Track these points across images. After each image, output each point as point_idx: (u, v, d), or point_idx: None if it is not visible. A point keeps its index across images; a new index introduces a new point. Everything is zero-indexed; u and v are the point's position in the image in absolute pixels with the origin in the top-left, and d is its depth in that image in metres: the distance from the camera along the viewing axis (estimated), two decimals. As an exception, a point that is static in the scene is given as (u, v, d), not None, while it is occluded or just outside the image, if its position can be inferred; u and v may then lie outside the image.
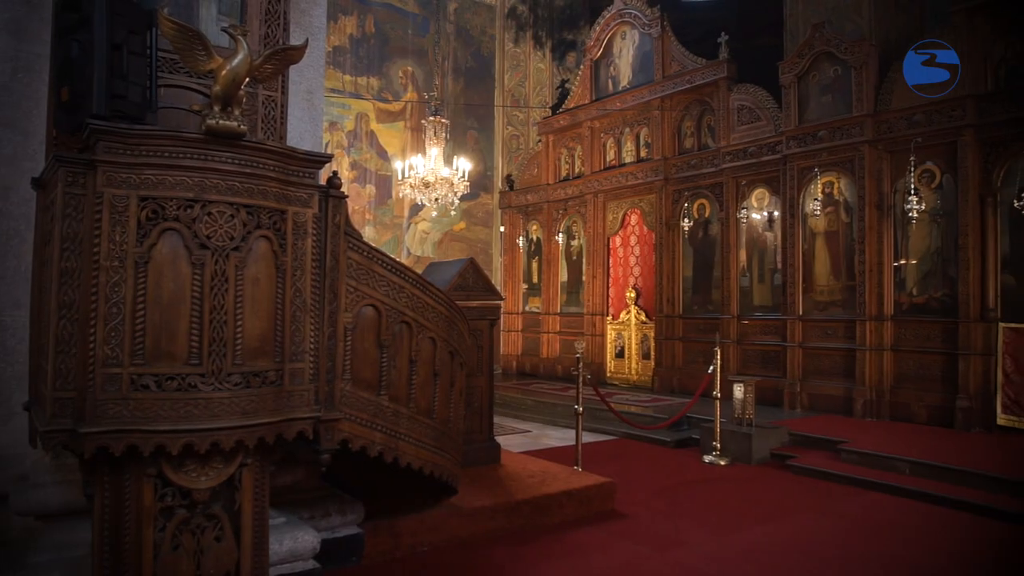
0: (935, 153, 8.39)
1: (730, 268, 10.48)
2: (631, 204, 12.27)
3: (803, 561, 4.68)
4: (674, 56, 11.52)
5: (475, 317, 5.83)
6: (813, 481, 6.81)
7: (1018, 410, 7.61)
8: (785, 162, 9.71)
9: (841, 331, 9.07)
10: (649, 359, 11.74)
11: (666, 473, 7.16)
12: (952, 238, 8.23)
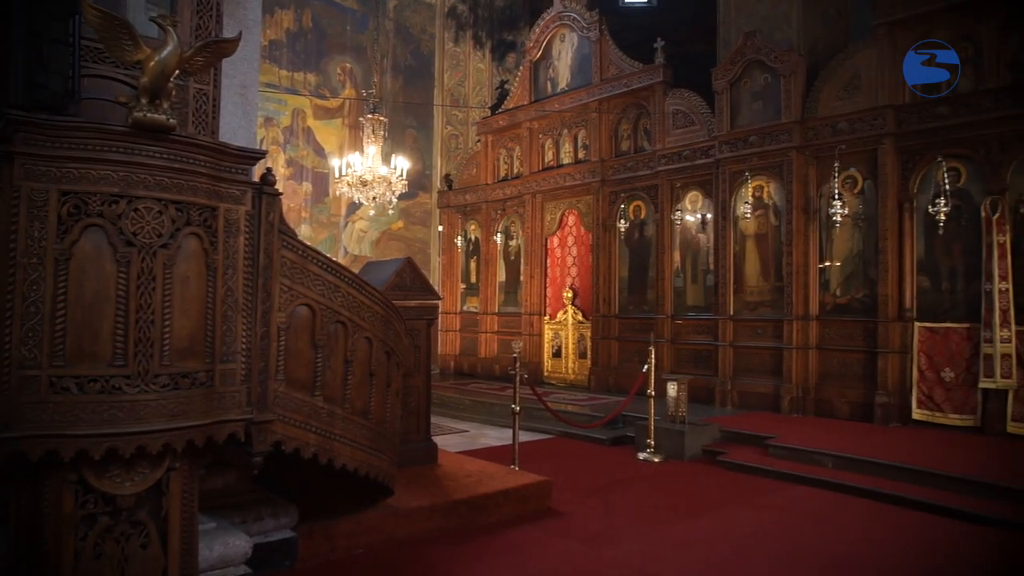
0: (858, 160, 8.75)
1: (664, 269, 10.70)
2: (569, 205, 12.39)
3: (733, 553, 4.82)
4: (612, 60, 11.69)
5: (412, 317, 5.79)
6: (743, 476, 7.00)
7: (932, 405, 8.02)
8: (718, 166, 9.97)
9: (770, 330, 9.37)
10: (586, 358, 11.88)
11: (602, 471, 7.25)
12: (873, 241, 8.60)
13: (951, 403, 7.89)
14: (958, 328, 7.90)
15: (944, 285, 8.14)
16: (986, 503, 5.67)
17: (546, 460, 7.42)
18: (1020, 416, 7.40)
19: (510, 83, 14.15)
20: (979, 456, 6.68)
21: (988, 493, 5.80)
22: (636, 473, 7.17)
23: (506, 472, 6.07)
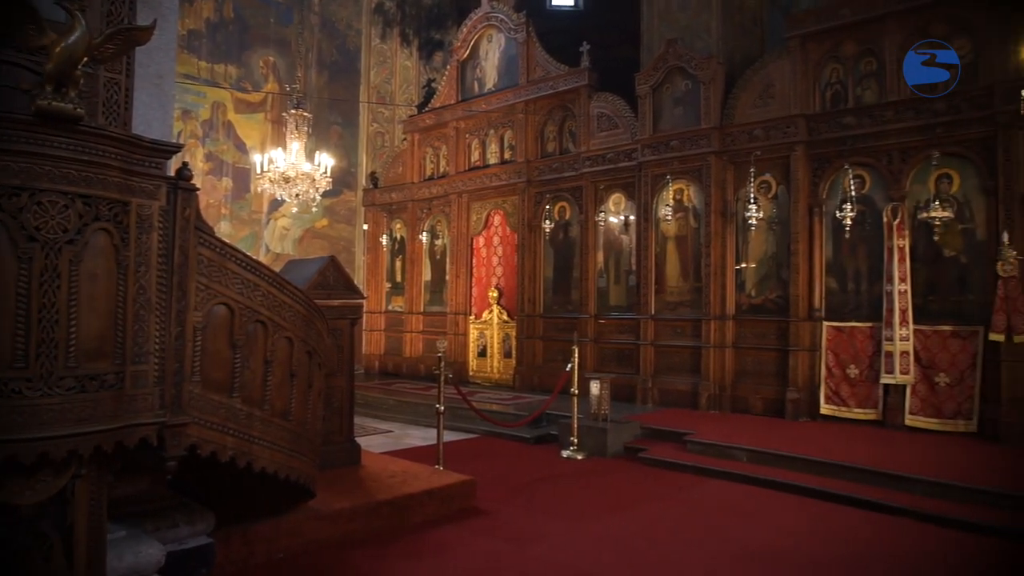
0: (772, 166, 9.10)
1: (588, 269, 10.87)
2: (495, 205, 12.44)
3: (654, 546, 4.94)
4: (538, 62, 11.79)
5: (335, 316, 5.71)
6: (663, 471, 7.19)
7: (838, 400, 8.43)
8: (640, 169, 10.19)
9: (689, 330, 9.64)
10: (511, 358, 11.95)
11: (526, 469, 7.32)
12: (785, 244, 8.96)
13: (856, 398, 8.31)
14: (862, 327, 8.33)
15: (850, 286, 8.57)
16: (886, 492, 5.99)
17: (471, 459, 7.43)
18: (917, 409, 7.86)
19: (437, 82, 14.08)
20: (880, 448, 7.05)
21: (888, 482, 6.14)
22: (560, 471, 7.26)
23: (430, 472, 6.06)
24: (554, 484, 6.72)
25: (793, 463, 6.82)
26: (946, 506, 5.65)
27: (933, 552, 4.89)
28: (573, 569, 4.51)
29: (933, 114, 7.90)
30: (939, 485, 5.91)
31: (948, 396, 7.71)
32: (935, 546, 5.01)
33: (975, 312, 7.63)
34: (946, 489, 5.86)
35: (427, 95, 14.39)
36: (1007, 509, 5.49)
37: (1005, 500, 5.57)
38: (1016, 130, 7.30)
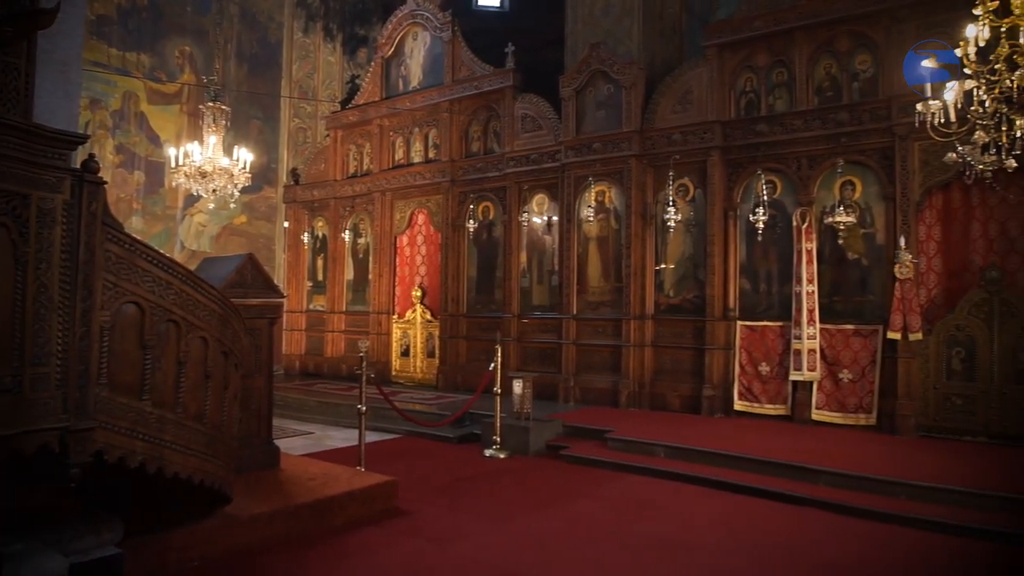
0: (690, 170, 9.38)
1: (512, 269, 10.95)
2: (419, 204, 12.37)
3: (576, 542, 5.03)
4: (464, 61, 11.79)
5: (253, 316, 5.59)
6: (584, 468, 7.32)
7: (751, 397, 8.77)
8: (563, 170, 10.34)
9: (610, 329, 9.84)
10: (434, 357, 11.92)
11: (449, 468, 7.32)
12: (702, 246, 9.26)
13: (767, 394, 8.66)
14: (773, 326, 8.69)
15: (762, 287, 8.93)
16: (794, 483, 6.29)
17: (393, 460, 7.38)
18: (822, 404, 8.27)
19: (361, 78, 13.89)
20: (788, 441, 7.37)
21: (795, 474, 6.44)
22: (483, 470, 7.29)
23: (352, 473, 5.99)
24: (477, 483, 6.75)
25: (709, 458, 7.05)
26: (847, 495, 5.96)
27: (835, 539, 5.15)
28: (496, 567, 4.55)
29: (838, 124, 8.32)
30: (841, 476, 6.24)
31: (851, 391, 8.13)
32: (837, 533, 5.28)
33: (875, 312, 8.08)
34: (847, 479, 6.18)
35: (351, 91, 14.18)
36: (903, 497, 5.84)
37: (900, 488, 5.93)
38: (912, 141, 7.76)
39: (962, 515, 5.41)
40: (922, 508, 5.60)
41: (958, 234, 7.86)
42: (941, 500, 5.70)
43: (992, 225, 7.64)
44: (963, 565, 4.67)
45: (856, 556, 4.81)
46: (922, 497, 5.79)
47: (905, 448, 7.14)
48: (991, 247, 7.64)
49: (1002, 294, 7.38)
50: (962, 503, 5.61)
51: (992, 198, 7.51)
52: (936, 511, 5.52)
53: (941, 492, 5.76)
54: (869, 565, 4.66)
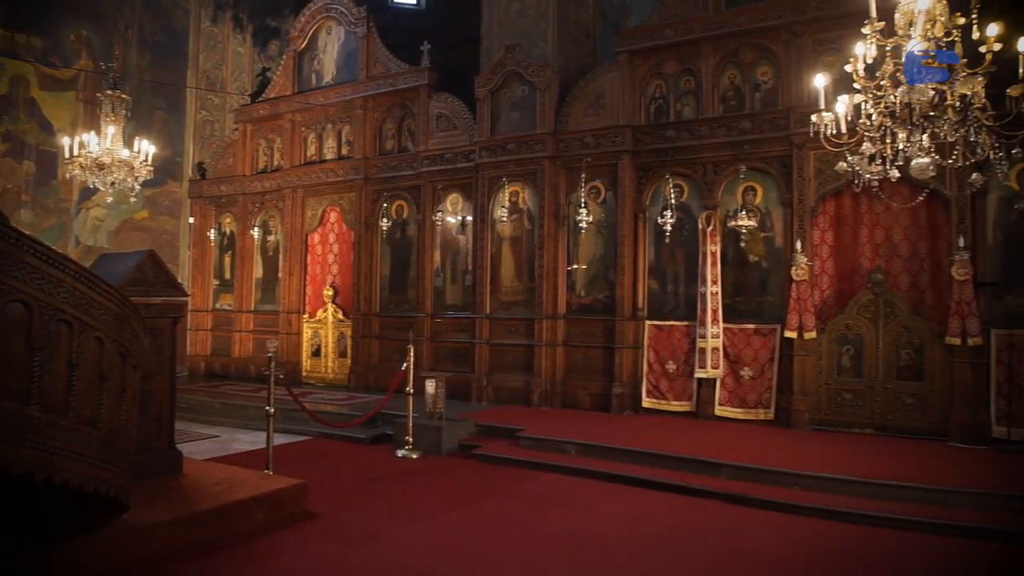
0: (601, 172, 9.60)
1: (425, 268, 10.92)
2: (331, 201, 12.16)
3: (489, 540, 5.08)
4: (379, 58, 11.67)
5: (155, 315, 5.38)
6: (496, 467, 7.38)
7: (658, 394, 9.06)
8: (478, 170, 10.38)
9: (522, 329, 9.95)
10: (346, 357, 11.75)
11: (360, 470, 7.24)
12: (613, 247, 9.49)
13: (673, 392, 8.97)
14: (679, 325, 9.00)
15: (669, 287, 9.23)
16: (698, 477, 6.53)
17: (303, 462, 7.24)
18: (725, 401, 8.62)
19: (273, 71, 13.50)
20: (693, 436, 7.67)
21: (699, 468, 6.69)
22: (395, 470, 7.25)
23: (259, 477, 5.85)
24: (389, 484, 6.71)
25: (618, 454, 7.24)
26: (747, 487, 6.25)
27: (735, 529, 5.39)
28: (407, 568, 4.54)
29: (741, 132, 8.70)
30: (741, 468, 6.53)
31: (751, 388, 8.51)
32: (737, 523, 5.53)
33: (774, 312, 8.49)
34: (746, 472, 6.48)
35: (261, 84, 13.76)
36: (797, 487, 6.16)
37: (794, 479, 6.25)
38: (808, 150, 8.18)
39: (852, 503, 5.76)
40: (815, 497, 5.93)
41: (848, 239, 8.34)
42: (833, 489, 6.05)
43: (878, 231, 8.16)
44: (854, 550, 4.96)
45: (755, 544, 5.05)
46: (815, 487, 6.12)
47: (799, 441, 7.54)
48: (877, 251, 8.15)
49: (886, 295, 7.90)
50: (852, 492, 5.97)
51: (878, 206, 8.02)
52: (828, 500, 5.85)
53: (832, 482, 6.12)
54: (768, 552, 4.89)
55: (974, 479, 5.99)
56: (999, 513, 5.46)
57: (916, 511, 5.55)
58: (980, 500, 5.66)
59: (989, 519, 5.36)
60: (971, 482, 5.90)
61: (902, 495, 5.83)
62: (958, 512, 5.52)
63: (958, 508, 5.60)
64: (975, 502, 5.65)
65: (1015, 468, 6.39)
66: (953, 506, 5.64)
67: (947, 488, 5.80)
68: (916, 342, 7.75)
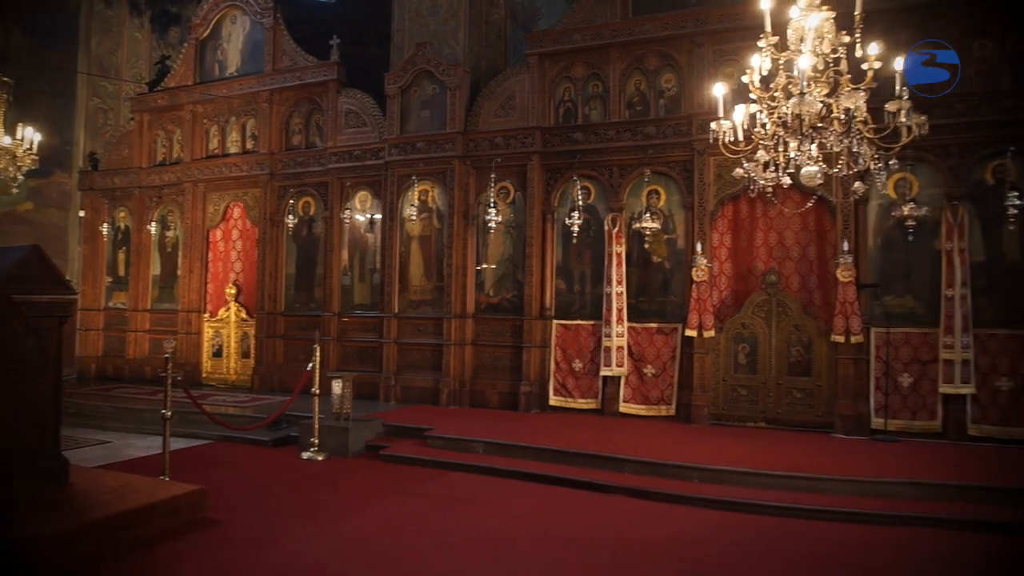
0: (511, 173, 9.69)
1: (333, 267, 10.74)
2: (234, 197, 11.77)
3: (395, 541, 5.05)
4: (286, 51, 11.38)
5: (39, 314, 5.07)
6: (404, 468, 7.34)
7: (565, 392, 9.24)
8: (387, 168, 10.29)
9: (431, 328, 9.93)
10: (249, 358, 11.42)
11: (264, 474, 7.06)
12: (521, 247, 9.60)
13: (580, 390, 9.16)
14: (586, 325, 9.20)
15: (576, 287, 9.42)
16: (602, 473, 6.71)
17: (203, 468, 7.01)
18: (629, 398, 8.88)
19: (173, 59, 12.93)
20: (598, 433, 7.85)
21: (604, 464, 6.88)
22: (300, 473, 7.11)
23: (154, 484, 5.61)
24: (294, 487, 6.57)
25: (525, 452, 7.34)
26: (649, 481, 6.46)
27: (637, 522, 5.57)
28: (313, 572, 4.47)
29: (646, 137, 8.97)
30: (643, 463, 6.75)
31: (654, 385, 8.80)
32: (639, 516, 5.72)
33: (676, 311, 8.80)
34: (649, 467, 6.70)
35: (160, 72, 13.17)
36: (696, 480, 6.43)
37: (693, 472, 6.51)
38: (709, 156, 8.52)
39: (746, 493, 6.05)
40: (713, 489, 6.20)
41: (745, 241, 8.74)
42: (729, 481, 6.34)
43: (772, 234, 8.59)
44: (748, 538, 5.21)
45: (657, 536, 5.23)
46: (712, 479, 6.40)
47: (698, 435, 7.85)
48: (771, 254, 8.58)
49: (778, 296, 8.33)
50: (746, 483, 6.27)
51: (772, 211, 8.44)
52: (725, 491, 6.13)
53: (727, 474, 6.41)
54: (668, 543, 5.07)
55: (853, 468, 6.40)
56: (874, 499, 5.88)
57: (802, 499, 5.90)
58: (857, 487, 6.07)
59: (866, 504, 5.76)
60: (850, 471, 6.31)
61: (790, 484, 6.17)
62: (839, 499, 5.91)
63: (838, 495, 5.99)
64: (853, 489, 6.05)
65: (889, 457, 6.87)
66: (834, 493, 6.03)
67: (829, 477, 6.19)
68: (805, 340, 8.21)
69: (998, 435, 7.41)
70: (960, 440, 7.47)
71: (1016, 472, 6.33)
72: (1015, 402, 7.43)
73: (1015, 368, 7.46)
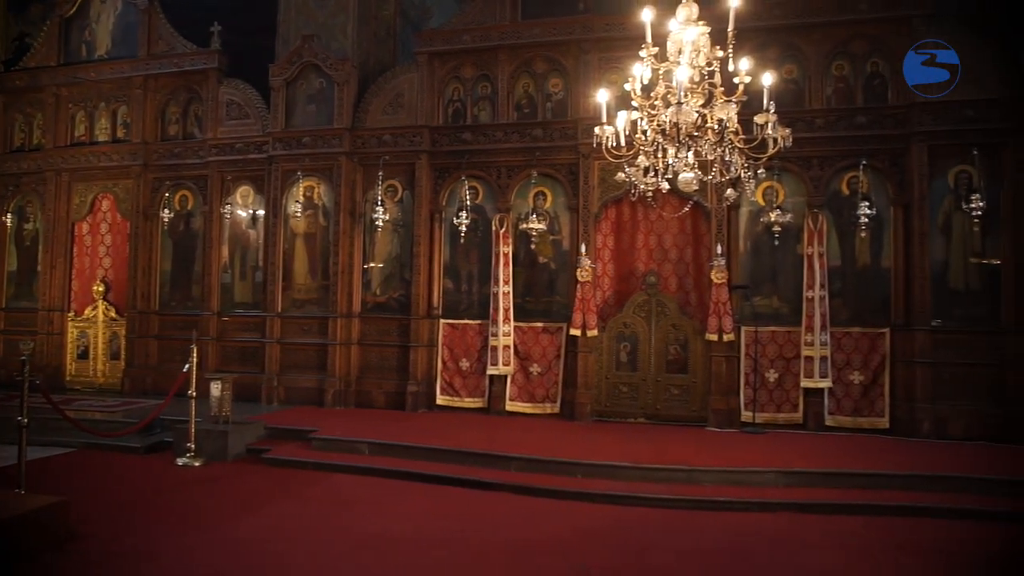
0: (399, 171, 9.62)
1: (212, 264, 10.30)
2: (104, 188, 11.07)
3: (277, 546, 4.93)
4: (163, 35, 10.81)
5: None
6: (287, 471, 7.15)
7: (452, 391, 9.29)
8: (271, 163, 9.97)
9: (316, 327, 9.71)
10: (119, 359, 10.80)
11: (135, 482, 6.71)
12: (409, 246, 9.55)
13: (467, 389, 9.23)
14: (473, 324, 9.28)
15: (464, 287, 9.48)
16: (488, 471, 6.79)
17: (67, 478, 6.59)
18: (515, 396, 9.03)
19: (34, 37, 11.96)
20: (485, 432, 7.93)
21: (490, 462, 6.96)
22: (175, 480, 6.79)
23: (8, 497, 5.19)
24: (168, 495, 6.27)
25: (412, 452, 7.32)
26: (534, 477, 6.59)
27: (523, 518, 5.67)
28: (183, 582, 4.30)
29: (533, 139, 9.14)
30: (529, 460, 6.88)
31: (539, 384, 8.98)
32: (525, 512, 5.83)
33: (561, 311, 9.02)
34: (534, 463, 6.84)
35: (19, 51, 12.15)
36: (580, 476, 6.60)
37: (577, 468, 6.69)
38: (593, 160, 8.77)
39: (629, 487, 6.30)
40: (596, 484, 6.41)
41: (627, 243, 9.08)
42: (611, 475, 6.57)
43: (652, 237, 8.97)
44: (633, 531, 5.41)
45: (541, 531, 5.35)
46: (595, 474, 6.60)
47: (582, 432, 8.07)
48: (651, 256, 8.96)
49: (657, 296, 8.70)
50: (626, 477, 6.52)
51: (652, 214, 8.81)
52: (607, 485, 6.36)
53: (609, 468, 6.64)
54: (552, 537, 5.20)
55: (726, 459, 6.79)
56: (746, 488, 6.27)
57: (681, 490, 6.22)
58: (730, 477, 6.44)
59: (739, 493, 6.14)
60: (723, 462, 6.69)
61: (669, 477, 6.48)
62: (714, 489, 6.26)
63: (714, 485, 6.33)
64: (727, 479, 6.42)
65: (758, 448, 7.32)
66: (709, 484, 6.37)
67: (704, 468, 6.54)
68: (682, 338, 8.61)
69: (850, 425, 8.08)
70: (818, 430, 8.08)
71: (867, 457, 6.90)
72: (865, 394, 8.12)
73: (866, 363, 8.13)
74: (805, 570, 4.71)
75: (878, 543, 5.16)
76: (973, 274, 8.00)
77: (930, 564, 4.80)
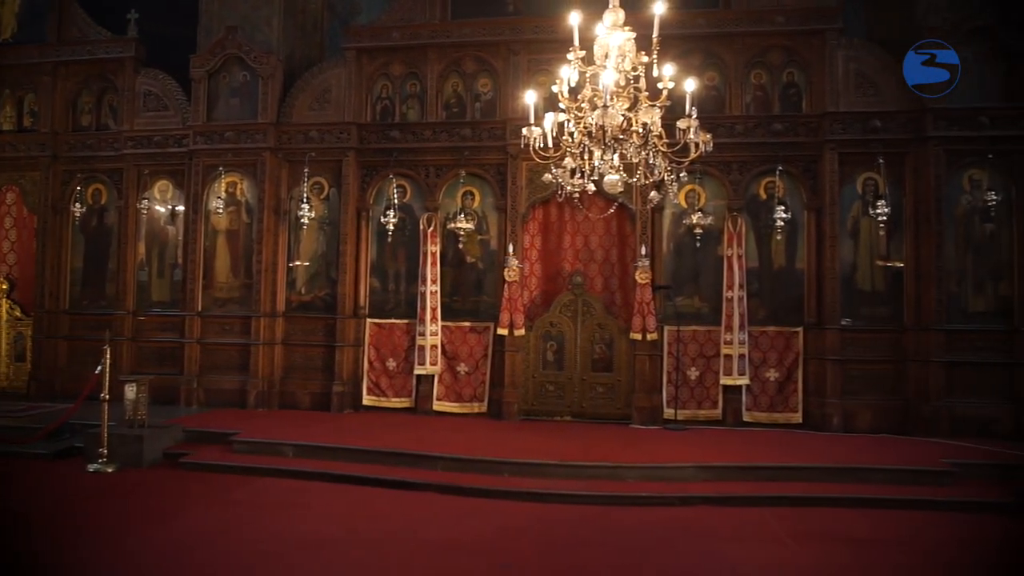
0: (325, 168, 9.47)
1: (127, 261, 9.89)
2: (8, 180, 10.49)
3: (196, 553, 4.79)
4: (74, 20, 10.30)
5: None
6: (208, 475, 6.94)
7: (378, 391, 9.22)
8: (191, 157, 9.66)
9: (238, 327, 9.46)
10: (25, 361, 10.26)
11: (41, 491, 6.39)
12: (335, 245, 9.42)
13: (393, 389, 9.17)
14: (400, 323, 9.23)
15: (391, 286, 9.41)
16: (415, 471, 6.76)
17: (-37, 486, 6.21)
18: (443, 396, 9.03)
19: (-75, 17, 11.25)
20: (412, 432, 7.89)
21: (417, 462, 6.94)
22: (85, 488, 6.49)
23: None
24: (77, 504, 6.00)
25: (337, 453, 7.22)
26: (461, 477, 6.61)
27: (448, 517, 5.68)
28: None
29: (462, 139, 9.15)
30: (455, 460, 6.89)
31: (467, 383, 9.01)
32: (451, 512, 5.83)
33: (489, 310, 9.06)
34: (461, 463, 6.86)
35: (-90, 31, 11.40)
36: (507, 474, 6.65)
37: (504, 466, 6.74)
38: (521, 161, 8.84)
39: (555, 485, 6.38)
40: (522, 482, 6.45)
41: (554, 244, 9.20)
42: (537, 474, 6.63)
43: (578, 238, 9.12)
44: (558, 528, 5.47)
45: (467, 530, 5.37)
46: (521, 472, 6.65)
47: (510, 431, 8.14)
48: (578, 256, 9.11)
49: (584, 296, 8.85)
50: (552, 475, 6.60)
51: (579, 215, 8.95)
52: (533, 483, 6.41)
53: (535, 467, 6.71)
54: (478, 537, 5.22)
55: (649, 456, 6.97)
56: (668, 483, 6.44)
57: (606, 487, 6.35)
58: (653, 473, 6.61)
59: (661, 488, 6.31)
60: (646, 459, 6.86)
61: (594, 474, 6.61)
62: (638, 485, 6.41)
63: (637, 481, 6.49)
64: (650, 475, 6.59)
65: (680, 444, 7.54)
66: (633, 480, 6.52)
67: (628, 465, 6.70)
68: (607, 338, 8.78)
69: (766, 420, 8.42)
70: (737, 426, 8.39)
71: (780, 451, 7.19)
72: (780, 391, 8.47)
73: (781, 361, 8.48)
74: (715, 560, 4.86)
75: (787, 532, 5.39)
76: (879, 276, 8.45)
77: (835, 551, 5.04)
